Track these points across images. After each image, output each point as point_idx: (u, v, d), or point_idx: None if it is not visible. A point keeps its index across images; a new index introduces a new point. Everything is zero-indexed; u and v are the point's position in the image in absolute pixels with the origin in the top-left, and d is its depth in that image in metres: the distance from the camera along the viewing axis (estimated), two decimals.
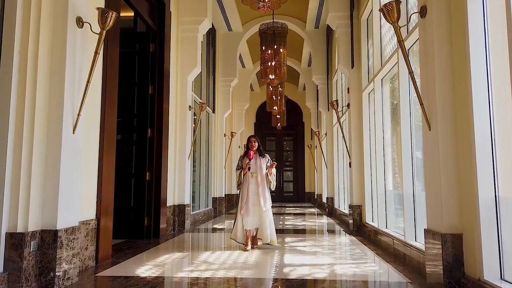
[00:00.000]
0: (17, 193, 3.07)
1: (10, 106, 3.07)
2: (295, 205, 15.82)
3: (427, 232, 3.37)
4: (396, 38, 3.73)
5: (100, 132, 4.35)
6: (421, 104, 3.40)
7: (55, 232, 3.21)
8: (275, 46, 8.77)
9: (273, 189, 5.40)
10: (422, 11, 3.45)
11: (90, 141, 4.17)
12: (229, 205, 12.27)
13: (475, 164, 2.84)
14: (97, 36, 3.55)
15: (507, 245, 2.72)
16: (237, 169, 5.42)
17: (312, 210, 13.16)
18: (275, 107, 13.26)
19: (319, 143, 12.95)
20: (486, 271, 2.72)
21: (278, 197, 18.17)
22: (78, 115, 3.51)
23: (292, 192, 18.73)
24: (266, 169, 5.33)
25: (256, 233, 5.24)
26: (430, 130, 3.32)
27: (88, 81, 3.52)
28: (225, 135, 11.63)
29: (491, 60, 2.90)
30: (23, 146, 3.10)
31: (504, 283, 2.63)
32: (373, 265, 4.36)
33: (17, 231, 3.04)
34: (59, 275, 3.21)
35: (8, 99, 3.07)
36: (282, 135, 18.59)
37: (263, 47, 8.84)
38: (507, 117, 2.80)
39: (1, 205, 3.01)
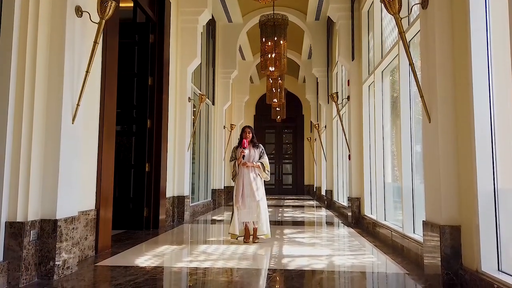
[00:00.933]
0: (16, 183, 3.07)
1: (9, 96, 3.06)
2: (294, 197, 15.87)
3: (425, 224, 3.38)
4: (397, 30, 3.72)
5: (99, 122, 4.34)
6: (422, 96, 3.39)
7: (55, 221, 3.22)
8: (275, 38, 8.71)
9: (266, 180, 5.23)
10: (424, 2, 3.42)
11: (89, 131, 4.16)
12: (228, 197, 12.28)
13: (474, 156, 2.84)
14: (96, 25, 3.53)
15: (505, 237, 2.73)
16: (231, 160, 5.29)
17: (311, 202, 13.21)
18: (275, 100, 13.21)
19: (319, 136, 12.95)
20: (484, 263, 2.73)
21: (277, 189, 18.21)
22: (78, 105, 3.49)
23: (291, 185, 18.76)
24: (259, 159, 5.19)
25: (254, 226, 5.06)
26: (430, 122, 3.32)
27: (87, 71, 3.51)
28: (224, 127, 11.63)
29: (492, 52, 2.89)
30: (22, 135, 3.10)
31: (501, 274, 2.64)
32: (371, 257, 4.38)
33: (17, 220, 3.04)
34: (58, 264, 3.23)
35: (7, 89, 3.06)
36: (281, 127, 18.56)
37: (263, 39, 8.77)
38: (508, 110, 2.80)
39: (0, 195, 3.01)
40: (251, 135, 5.21)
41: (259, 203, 5.05)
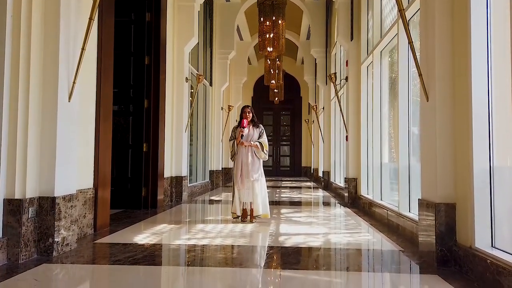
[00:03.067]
0: (14, 160, 3.07)
1: (4, 73, 3.02)
2: (291, 179, 15.96)
3: (421, 202, 3.42)
4: (396, 8, 3.67)
5: (96, 100, 4.31)
6: (420, 75, 3.37)
7: (53, 199, 3.23)
8: (274, 18, 8.59)
9: (264, 160, 5.17)
10: None
11: (86, 109, 4.13)
12: (226, 178, 12.35)
13: (471, 134, 2.84)
14: (91, 1, 3.46)
15: (499, 214, 2.77)
16: (230, 140, 5.28)
17: (308, 184, 13.29)
18: (273, 81, 13.14)
19: (317, 117, 12.94)
20: (478, 239, 2.77)
21: (275, 171, 18.29)
22: (74, 82, 3.46)
23: (289, 167, 18.84)
24: (258, 139, 5.13)
25: (251, 206, 5.08)
26: (428, 101, 3.31)
27: (83, 48, 3.46)
28: (222, 109, 11.58)
29: (492, 32, 2.86)
30: (18, 112, 3.08)
31: (494, 250, 2.69)
32: (367, 235, 4.45)
33: (15, 198, 3.05)
34: (57, 241, 3.26)
35: (1, 67, 3.02)
36: (279, 109, 18.52)
37: (261, 19, 8.66)
38: (505, 89, 2.79)
39: None
40: (251, 115, 5.19)
41: (254, 184, 5.07)
